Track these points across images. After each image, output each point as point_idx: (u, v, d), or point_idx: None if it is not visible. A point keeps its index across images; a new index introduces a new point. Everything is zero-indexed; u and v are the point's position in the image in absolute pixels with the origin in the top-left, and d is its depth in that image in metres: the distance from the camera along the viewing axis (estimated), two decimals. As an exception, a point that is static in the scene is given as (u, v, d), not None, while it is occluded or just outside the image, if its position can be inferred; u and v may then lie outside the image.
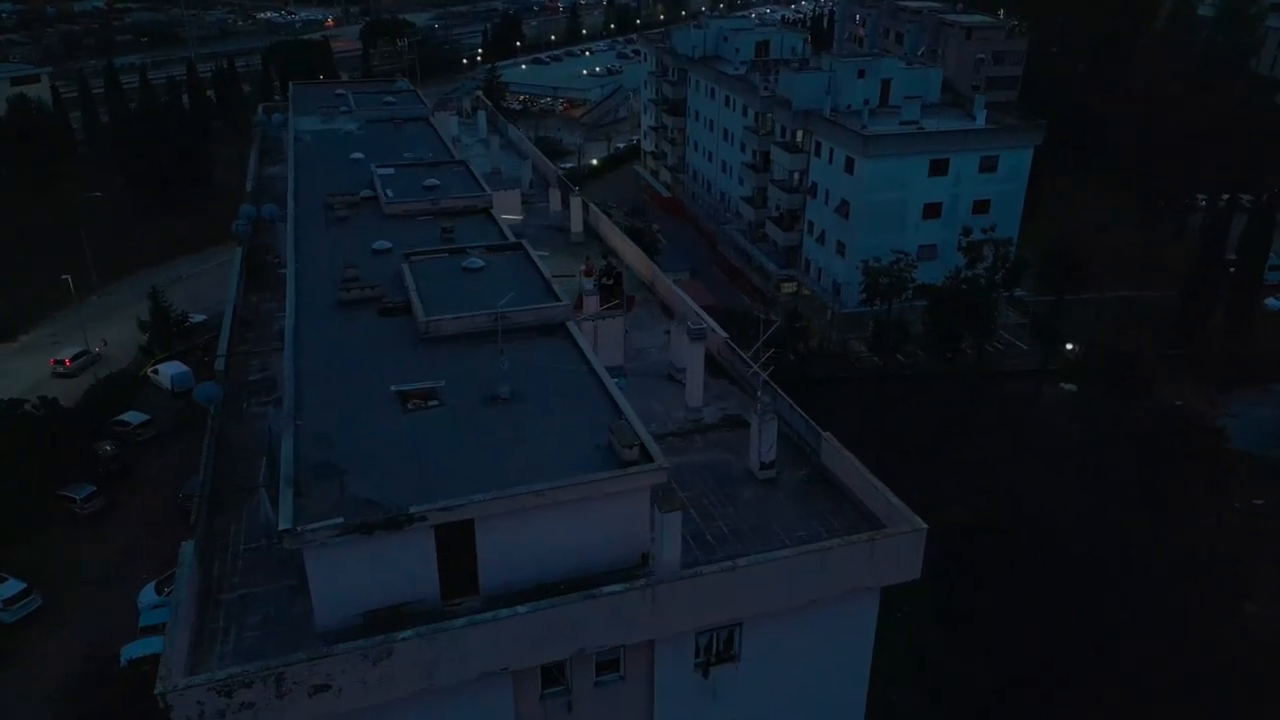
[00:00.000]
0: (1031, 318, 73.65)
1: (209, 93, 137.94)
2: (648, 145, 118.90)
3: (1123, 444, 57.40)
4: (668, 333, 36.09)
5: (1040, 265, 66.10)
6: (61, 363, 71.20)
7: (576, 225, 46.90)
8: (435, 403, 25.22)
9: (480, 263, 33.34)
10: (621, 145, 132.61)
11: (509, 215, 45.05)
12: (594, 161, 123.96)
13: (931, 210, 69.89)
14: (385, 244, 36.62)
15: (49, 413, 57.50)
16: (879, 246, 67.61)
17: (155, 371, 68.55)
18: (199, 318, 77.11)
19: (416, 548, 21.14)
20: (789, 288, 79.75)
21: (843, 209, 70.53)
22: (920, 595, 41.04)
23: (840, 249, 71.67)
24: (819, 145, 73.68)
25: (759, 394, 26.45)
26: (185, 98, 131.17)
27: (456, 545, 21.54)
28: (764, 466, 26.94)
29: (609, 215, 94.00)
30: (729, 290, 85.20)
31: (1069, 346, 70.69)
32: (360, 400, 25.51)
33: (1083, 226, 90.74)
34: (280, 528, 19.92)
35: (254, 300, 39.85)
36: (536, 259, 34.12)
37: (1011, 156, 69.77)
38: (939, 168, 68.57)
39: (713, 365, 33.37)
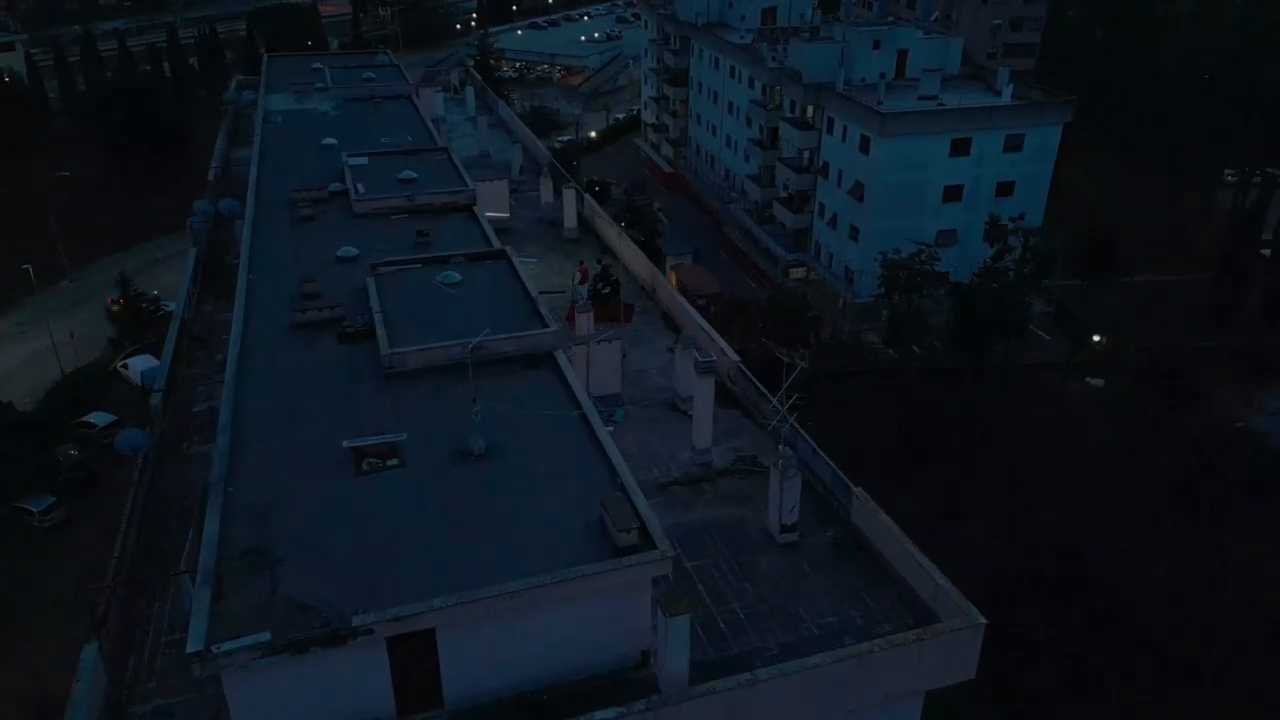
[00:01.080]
0: (1056, 306, 69.29)
1: (191, 60, 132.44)
2: (648, 117, 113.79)
3: (1160, 453, 53.44)
4: (671, 350, 31.97)
5: (1068, 251, 61.74)
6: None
7: (570, 220, 42.58)
8: (395, 462, 21.19)
9: (457, 276, 29.14)
10: (621, 116, 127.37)
11: (494, 213, 40.77)
12: (592, 134, 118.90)
13: (952, 193, 65.40)
14: (352, 250, 32.41)
15: (1, 416, 53.47)
16: (895, 232, 63.25)
17: (125, 366, 64.34)
18: (173, 305, 72.78)
19: (365, 662, 17.22)
20: (797, 273, 75.45)
21: (856, 191, 66.06)
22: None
23: (853, 234, 67.30)
24: (831, 122, 69.00)
25: (780, 446, 22.38)
26: (166, 66, 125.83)
27: (415, 656, 17.63)
28: (785, 529, 22.98)
29: (609, 191, 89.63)
30: (734, 274, 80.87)
31: (1095, 338, 66.54)
32: (308, 457, 21.50)
33: (1106, 204, 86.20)
34: (189, 648, 16.00)
35: (209, 310, 35.66)
36: (522, 270, 29.93)
37: (1038, 135, 65.12)
38: (960, 148, 63.98)
39: (722, 393, 29.32)
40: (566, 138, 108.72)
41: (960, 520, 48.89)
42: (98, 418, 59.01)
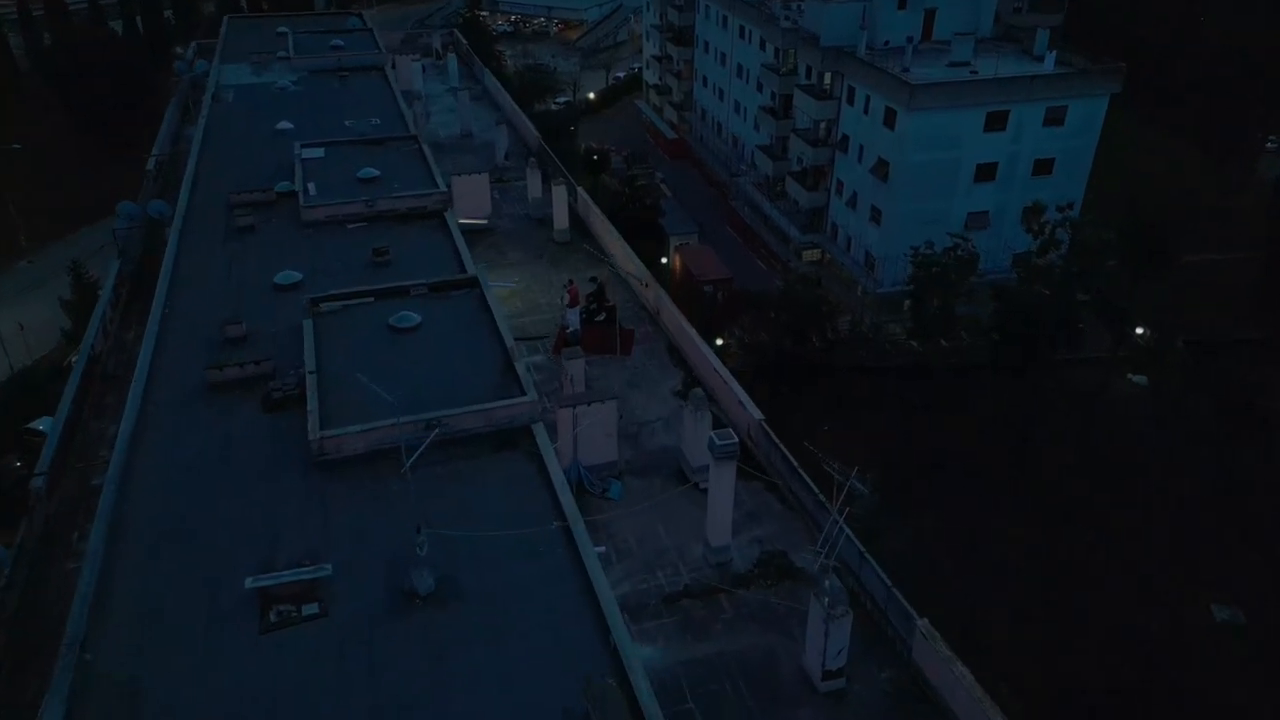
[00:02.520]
0: (1095, 294, 63.21)
1: (167, 13, 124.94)
2: (650, 77, 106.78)
3: (1217, 466, 48.18)
4: (680, 398, 26.62)
5: (1115, 240, 55.90)
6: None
7: (561, 220, 36.86)
8: (314, 609, 15.96)
9: (416, 318, 23.66)
10: (621, 75, 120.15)
11: (471, 219, 35.22)
12: (590, 95, 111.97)
13: (985, 172, 59.26)
14: (294, 275, 26.92)
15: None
16: (921, 215, 57.32)
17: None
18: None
19: None
20: (811, 255, 69.51)
21: (880, 169, 59.94)
22: None
23: (875, 216, 61.34)
24: (852, 91, 62.62)
25: (827, 579, 17.08)
26: (139, 21, 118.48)
27: None
28: (829, 675, 17.81)
29: (608, 160, 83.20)
30: (742, 255, 74.95)
31: (1139, 330, 60.84)
32: (200, 598, 16.28)
33: (1143, 174, 79.88)
34: None
35: (130, 338, 30.16)
36: (496, 308, 24.44)
37: (1083, 107, 58.78)
38: (996, 121, 57.73)
39: (742, 454, 24.02)
40: (564, 98, 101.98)
41: (1003, 544, 44.03)
42: (47, 423, 53.60)
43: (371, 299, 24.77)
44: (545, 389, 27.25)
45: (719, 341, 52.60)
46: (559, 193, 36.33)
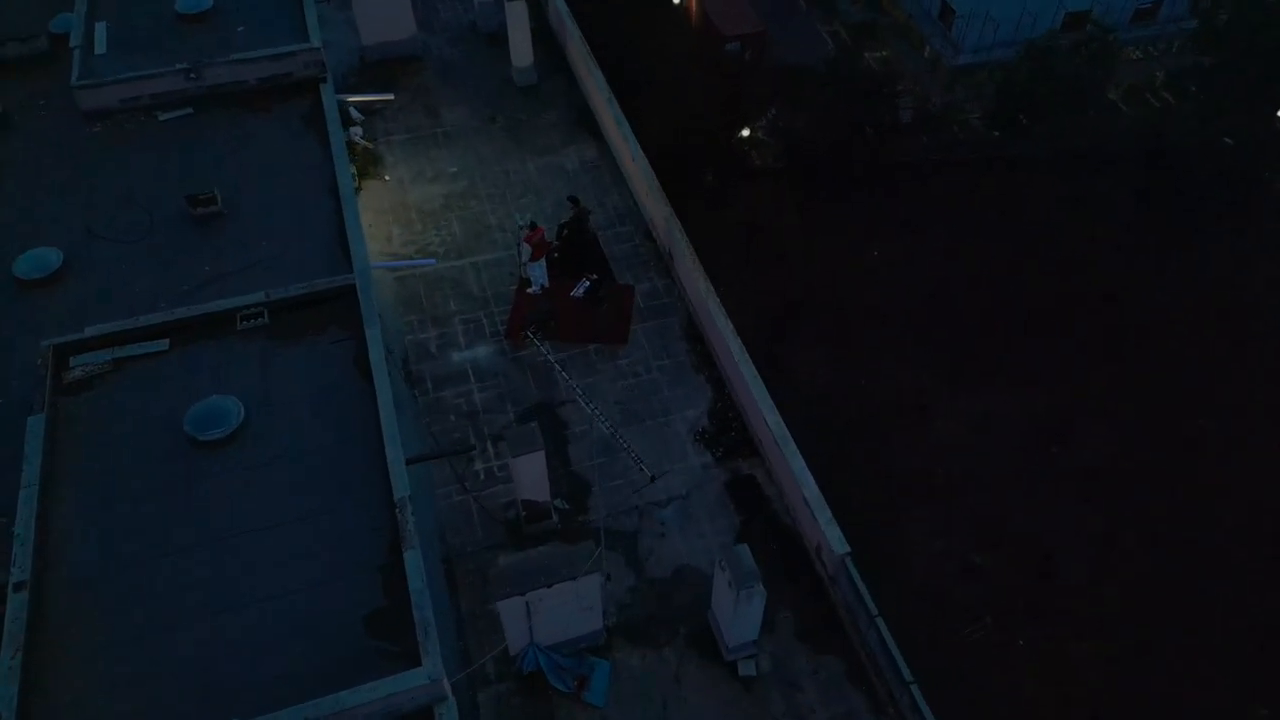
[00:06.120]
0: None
1: None
2: None
3: None
4: (707, 444, 16.58)
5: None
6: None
7: (522, 52, 24.01)
8: None
9: (233, 414, 12.97)
10: None
11: (382, 40, 22.75)
12: None
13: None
14: (50, 259, 15.72)
15: None
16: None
17: None
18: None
19: None
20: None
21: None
22: None
23: (956, -49, 45.76)
24: None
25: None
26: None
27: None
28: None
29: None
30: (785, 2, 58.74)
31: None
32: None
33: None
34: None
35: None
36: (395, 374, 13.70)
37: None
38: None
39: (812, 591, 14.57)
40: None
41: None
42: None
43: (165, 343, 13.92)
44: (493, 413, 17.09)
45: (745, 132, 40.25)
46: (515, 10, 23.15)
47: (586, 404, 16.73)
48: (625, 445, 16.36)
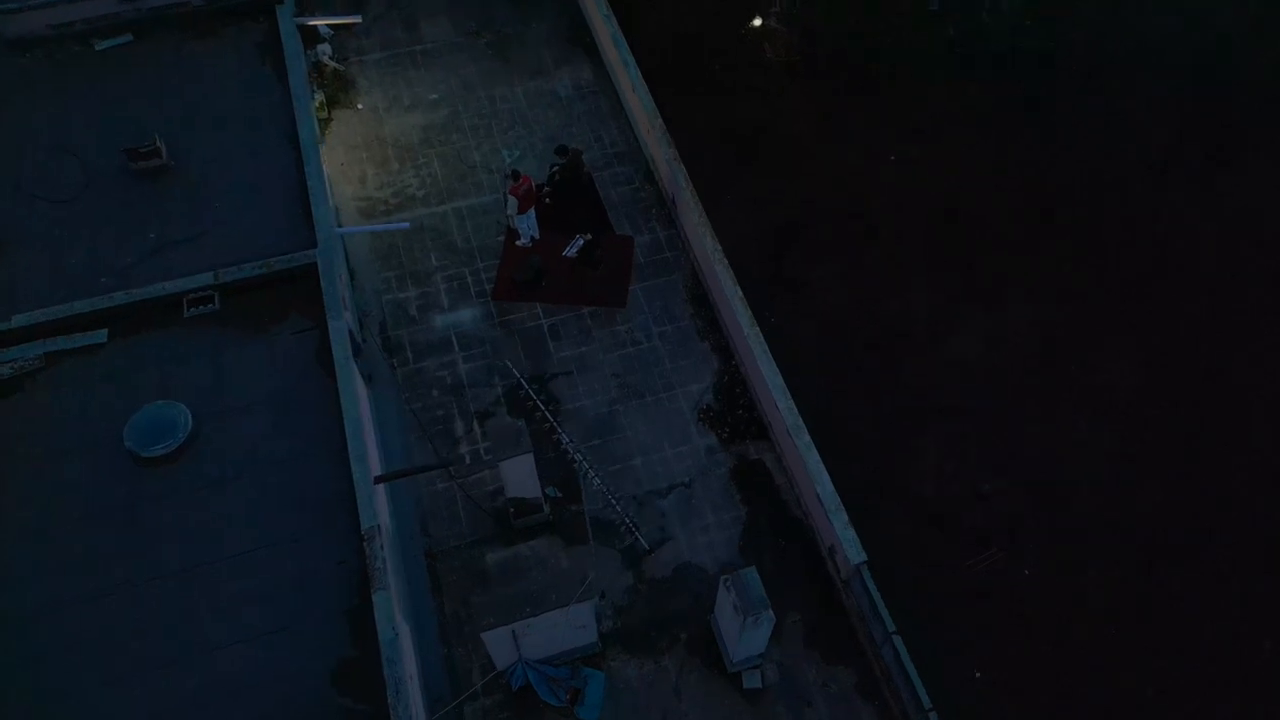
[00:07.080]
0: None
1: None
2: None
3: None
4: (711, 426, 15.19)
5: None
6: None
7: (510, -44, 21.41)
8: None
9: (182, 425, 11.53)
10: None
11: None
12: None
13: None
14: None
15: None
16: None
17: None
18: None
19: None
20: None
21: None
22: None
23: None
24: None
25: None
26: None
27: None
28: None
29: None
30: None
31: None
32: None
33: None
34: None
35: None
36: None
37: None
38: None
39: (821, 600, 13.51)
40: None
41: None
42: None
43: (104, 334, 12.33)
44: (479, 387, 15.67)
45: (756, 22, 37.43)
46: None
47: (583, 459, 15.01)
48: (620, 511, 14.73)
